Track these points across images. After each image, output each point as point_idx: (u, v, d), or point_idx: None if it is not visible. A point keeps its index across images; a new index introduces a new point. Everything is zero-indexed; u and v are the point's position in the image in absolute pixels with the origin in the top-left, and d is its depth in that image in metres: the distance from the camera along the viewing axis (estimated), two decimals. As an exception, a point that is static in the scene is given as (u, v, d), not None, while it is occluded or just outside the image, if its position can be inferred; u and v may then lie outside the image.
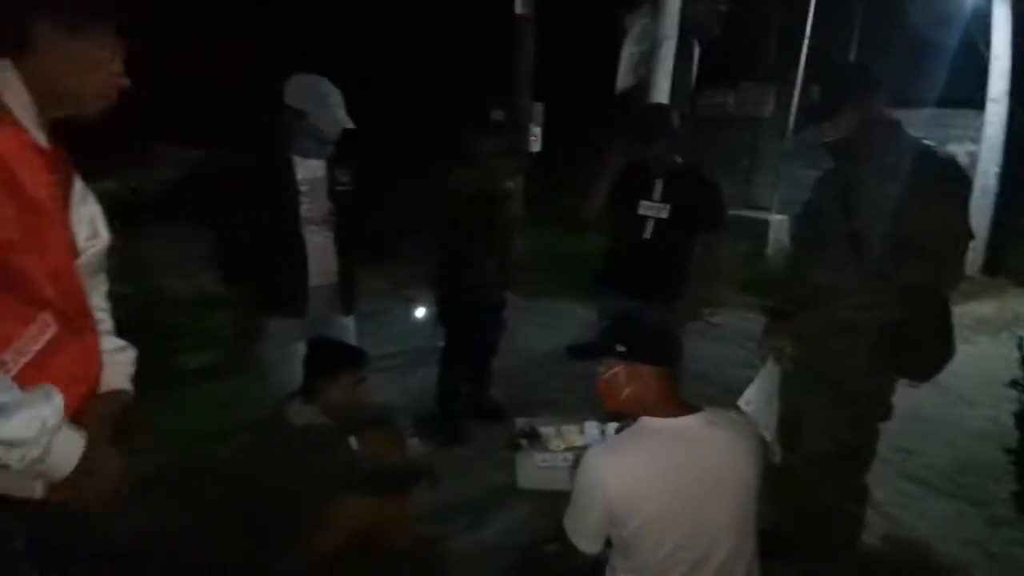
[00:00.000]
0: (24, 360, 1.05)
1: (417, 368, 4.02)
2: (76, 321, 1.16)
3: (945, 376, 2.03)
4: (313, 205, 2.37)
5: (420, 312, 2.86)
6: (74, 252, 1.16)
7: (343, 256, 2.52)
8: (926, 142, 1.95)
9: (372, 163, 2.81)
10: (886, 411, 2.02)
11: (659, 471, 1.40)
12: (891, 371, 1.98)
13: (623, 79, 5.86)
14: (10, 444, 0.95)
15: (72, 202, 1.18)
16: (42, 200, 1.05)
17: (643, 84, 5.97)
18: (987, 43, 6.00)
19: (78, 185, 1.21)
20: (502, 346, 3.51)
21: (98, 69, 1.13)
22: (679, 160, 2.77)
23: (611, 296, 2.84)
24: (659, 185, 2.71)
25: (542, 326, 4.86)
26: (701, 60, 7.68)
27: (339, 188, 2.43)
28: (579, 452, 2.13)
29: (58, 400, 1.03)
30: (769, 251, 6.44)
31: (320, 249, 2.44)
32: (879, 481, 2.12)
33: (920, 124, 4.53)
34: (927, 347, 1.90)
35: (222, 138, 3.11)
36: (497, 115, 2.88)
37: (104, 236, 1.27)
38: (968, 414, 3.64)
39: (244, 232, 2.24)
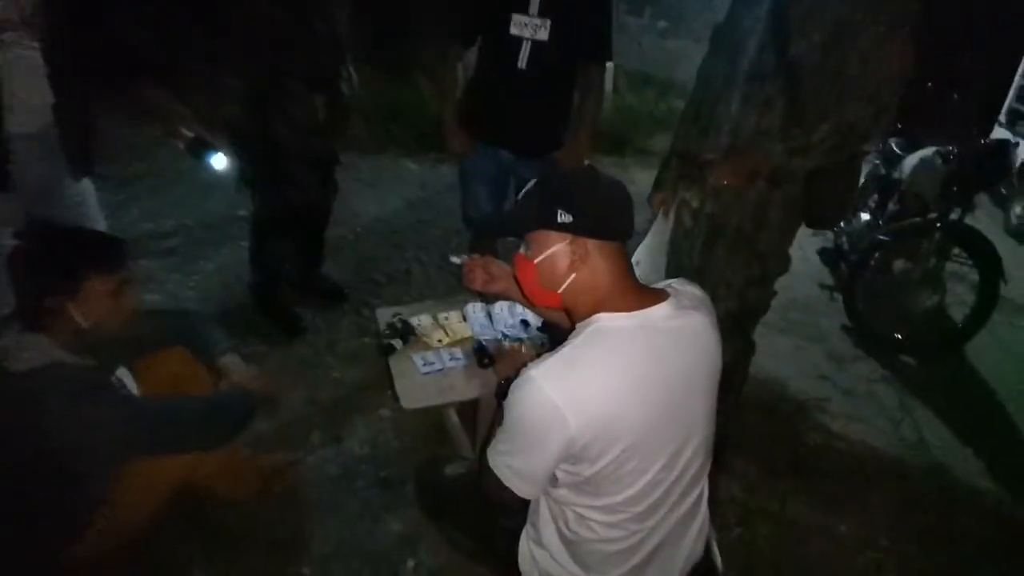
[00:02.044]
0: None
1: (212, 248, 3.08)
2: None
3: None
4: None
5: (213, 165, 1.94)
6: None
7: (61, 81, 1.49)
8: None
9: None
10: (787, 265, 1.84)
11: (636, 384, 1.00)
12: (803, 222, 1.77)
13: None
14: None
15: None
16: None
17: None
18: None
19: None
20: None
21: None
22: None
23: (476, 146, 2.23)
24: (537, -7, 2.04)
25: (369, 186, 4.07)
26: None
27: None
28: (468, 346, 1.67)
29: None
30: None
31: (13, 68, 1.40)
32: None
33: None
34: (842, 196, 1.70)
35: None
36: None
37: None
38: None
39: None
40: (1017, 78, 5.08)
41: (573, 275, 1.05)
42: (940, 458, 2.16)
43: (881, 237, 2.84)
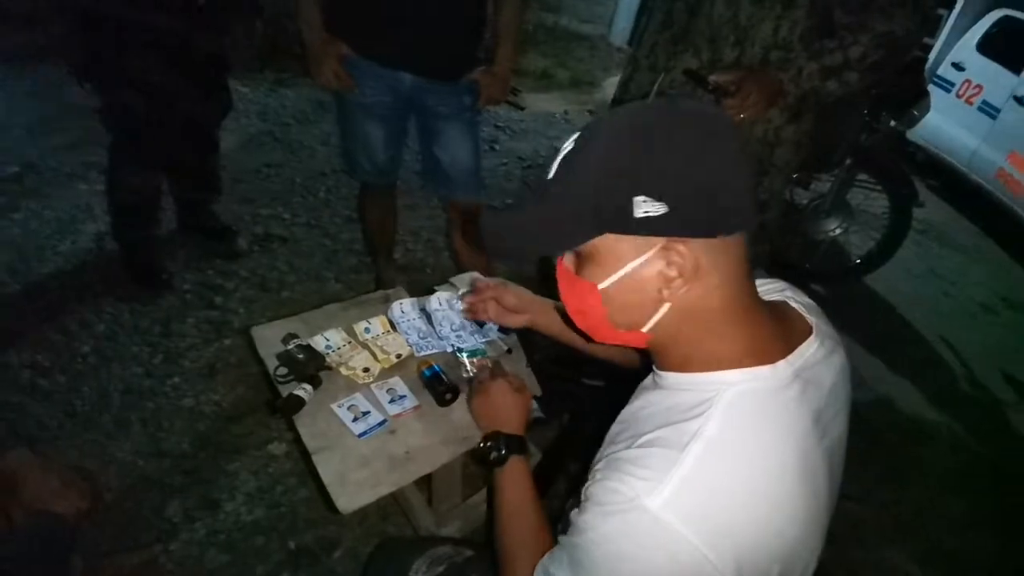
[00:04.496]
0: None
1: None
2: None
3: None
4: None
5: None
6: None
7: None
8: None
9: None
10: (782, 214, 1.54)
11: (808, 495, 0.59)
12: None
13: None
14: None
15: None
16: None
17: None
18: None
19: None
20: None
21: None
22: None
23: (356, 66, 1.54)
24: None
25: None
26: None
27: None
28: (412, 371, 1.12)
29: None
30: None
31: None
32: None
33: None
34: (857, 129, 1.40)
35: None
36: None
37: None
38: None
39: None
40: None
41: (668, 305, 0.59)
42: (882, 391, 2.12)
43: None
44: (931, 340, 2.51)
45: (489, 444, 0.89)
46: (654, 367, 0.66)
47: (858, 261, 2.73)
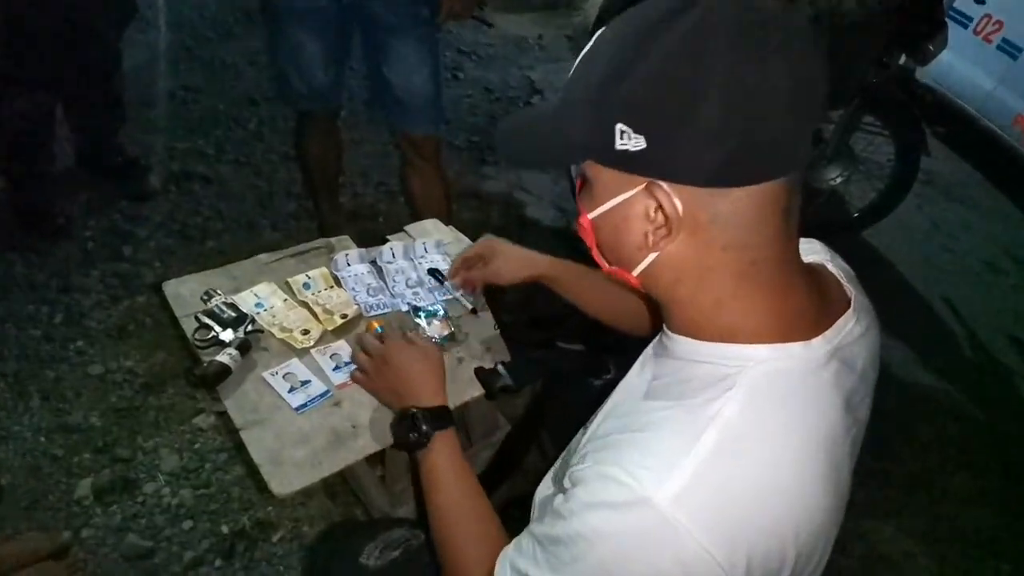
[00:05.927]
0: None
1: None
2: None
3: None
4: None
5: None
6: None
7: None
8: None
9: None
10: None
11: (833, 491, 0.57)
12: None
13: None
14: None
15: None
16: None
17: None
18: None
19: None
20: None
21: None
22: None
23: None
24: None
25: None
26: None
27: None
28: (360, 333, 1.08)
29: None
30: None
31: None
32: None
33: None
34: (868, 62, 1.37)
35: None
36: None
37: None
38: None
39: None
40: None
41: (654, 254, 0.55)
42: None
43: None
44: (932, 301, 2.58)
45: (403, 424, 0.82)
46: (664, 326, 0.63)
47: (856, 215, 2.76)
